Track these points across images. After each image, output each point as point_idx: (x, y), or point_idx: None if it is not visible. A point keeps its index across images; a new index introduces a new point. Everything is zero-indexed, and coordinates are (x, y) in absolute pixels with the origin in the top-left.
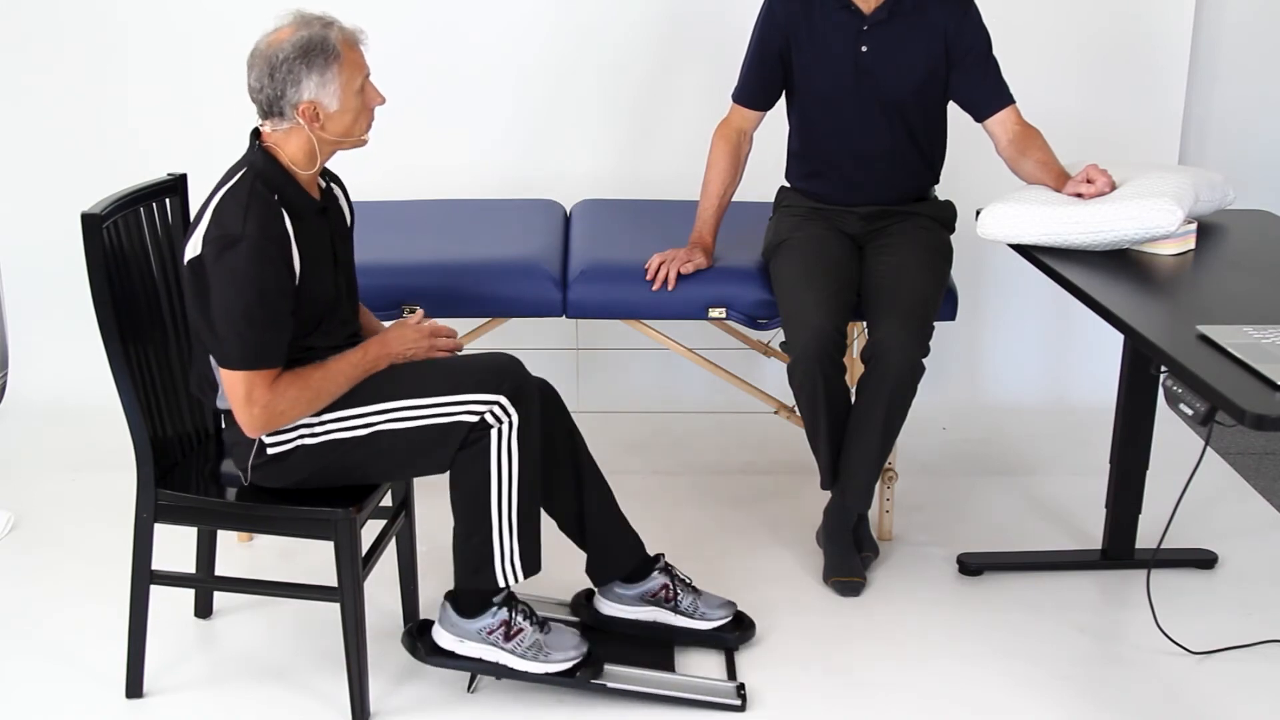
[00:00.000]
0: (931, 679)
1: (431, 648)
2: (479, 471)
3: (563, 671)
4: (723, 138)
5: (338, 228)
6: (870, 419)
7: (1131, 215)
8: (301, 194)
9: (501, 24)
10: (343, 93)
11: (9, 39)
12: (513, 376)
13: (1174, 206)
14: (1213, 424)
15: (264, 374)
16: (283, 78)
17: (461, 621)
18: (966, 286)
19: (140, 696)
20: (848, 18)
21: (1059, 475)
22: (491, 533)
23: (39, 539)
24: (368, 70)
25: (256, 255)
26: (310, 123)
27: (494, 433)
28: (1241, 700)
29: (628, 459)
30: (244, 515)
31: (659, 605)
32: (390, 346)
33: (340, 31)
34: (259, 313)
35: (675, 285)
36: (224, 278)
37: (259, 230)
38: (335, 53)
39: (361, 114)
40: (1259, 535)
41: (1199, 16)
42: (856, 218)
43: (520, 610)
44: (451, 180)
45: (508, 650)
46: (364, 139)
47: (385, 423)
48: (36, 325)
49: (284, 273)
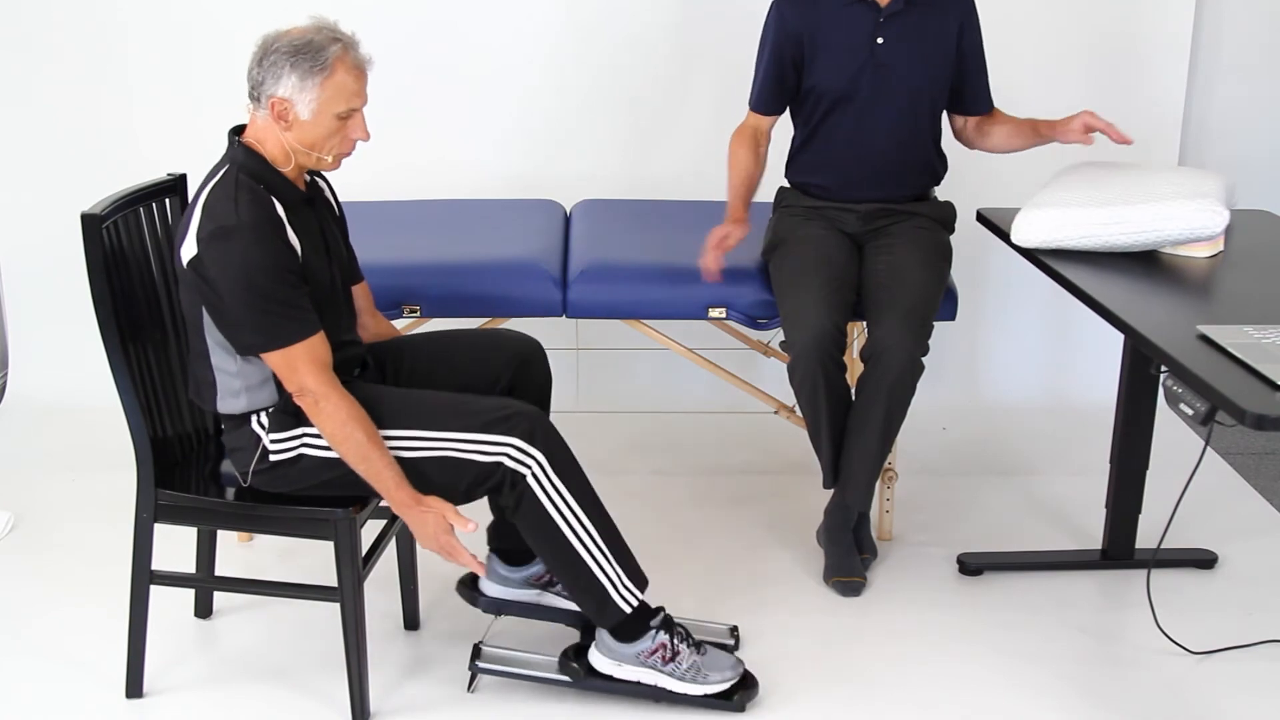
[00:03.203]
0: (931, 679)
1: (589, 670)
2: (542, 522)
3: (721, 694)
4: (739, 137)
5: (326, 218)
6: (870, 418)
7: (1173, 216)
8: (287, 184)
9: (502, 24)
10: (319, 107)
11: (9, 39)
12: (522, 417)
13: (1219, 206)
14: (1213, 424)
15: (299, 347)
16: (267, 67)
17: (619, 646)
18: (966, 286)
19: (140, 696)
20: (863, 10)
21: (1059, 475)
22: (591, 570)
23: (39, 539)
24: (361, 101)
25: (255, 239)
26: (277, 119)
27: (530, 480)
28: (1241, 700)
29: (628, 459)
30: (244, 515)
31: (539, 587)
32: (414, 514)
33: (345, 51)
34: (274, 290)
35: (719, 265)
36: (228, 268)
37: (252, 216)
38: (325, 66)
39: (334, 136)
40: (1259, 535)
41: (1199, 16)
42: (857, 216)
43: (678, 634)
44: (452, 180)
45: (666, 673)
46: (328, 160)
47: (393, 450)
48: (36, 325)
49: (285, 249)
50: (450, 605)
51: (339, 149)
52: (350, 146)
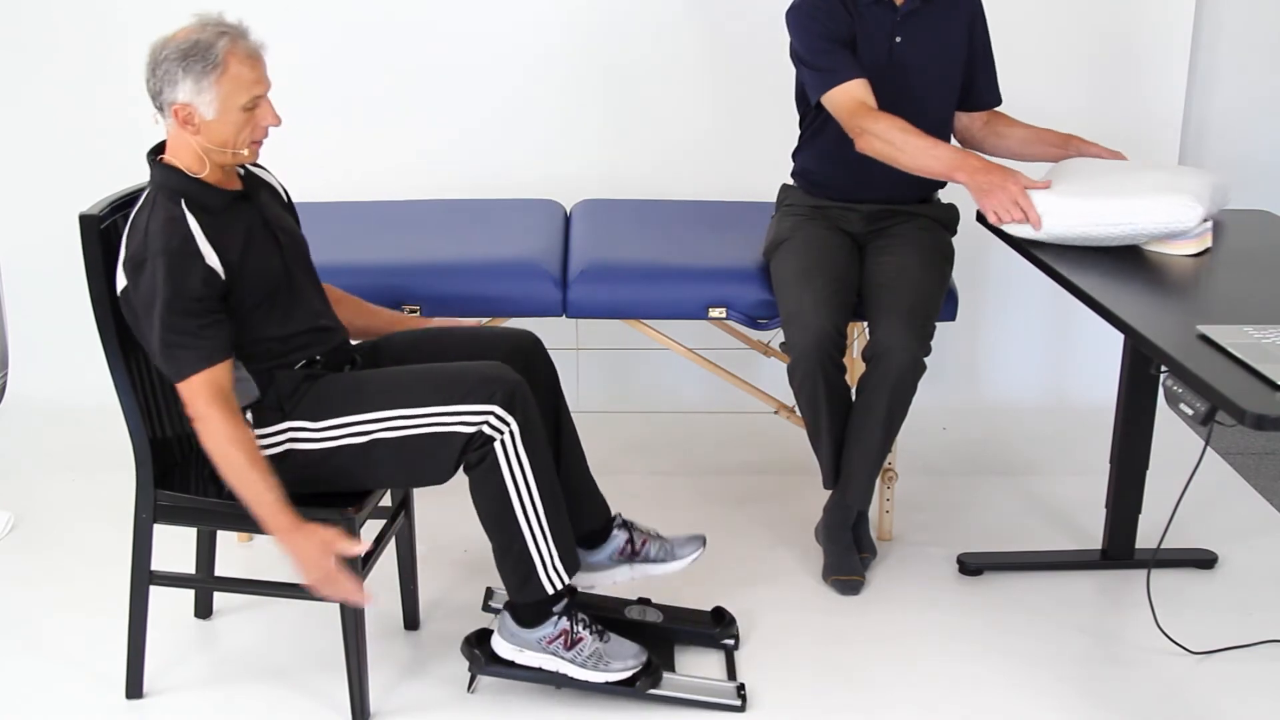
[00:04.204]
0: (931, 679)
1: (491, 656)
2: (495, 487)
3: (622, 680)
4: (860, 113)
5: (269, 207)
6: (872, 417)
7: (1149, 209)
8: (210, 190)
9: (502, 24)
10: (221, 104)
11: (8, 39)
12: (502, 383)
13: (1194, 203)
14: (1213, 424)
15: (201, 379)
16: (161, 76)
17: (521, 631)
18: (966, 286)
19: (140, 697)
20: (880, 10)
21: (1059, 475)
22: (526, 544)
23: (39, 539)
24: (263, 88)
25: (163, 268)
26: (183, 125)
27: (497, 445)
28: (1241, 700)
29: (628, 459)
30: (244, 515)
31: (629, 561)
32: (296, 542)
33: (233, 43)
34: (180, 322)
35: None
36: (144, 298)
37: (159, 243)
38: (216, 62)
39: (244, 129)
40: (1259, 535)
41: (1199, 17)
42: (859, 216)
43: (580, 620)
44: (451, 180)
45: (568, 659)
46: (243, 154)
47: (378, 431)
48: (36, 325)
49: (196, 278)
50: (450, 605)
51: (250, 138)
52: (262, 134)
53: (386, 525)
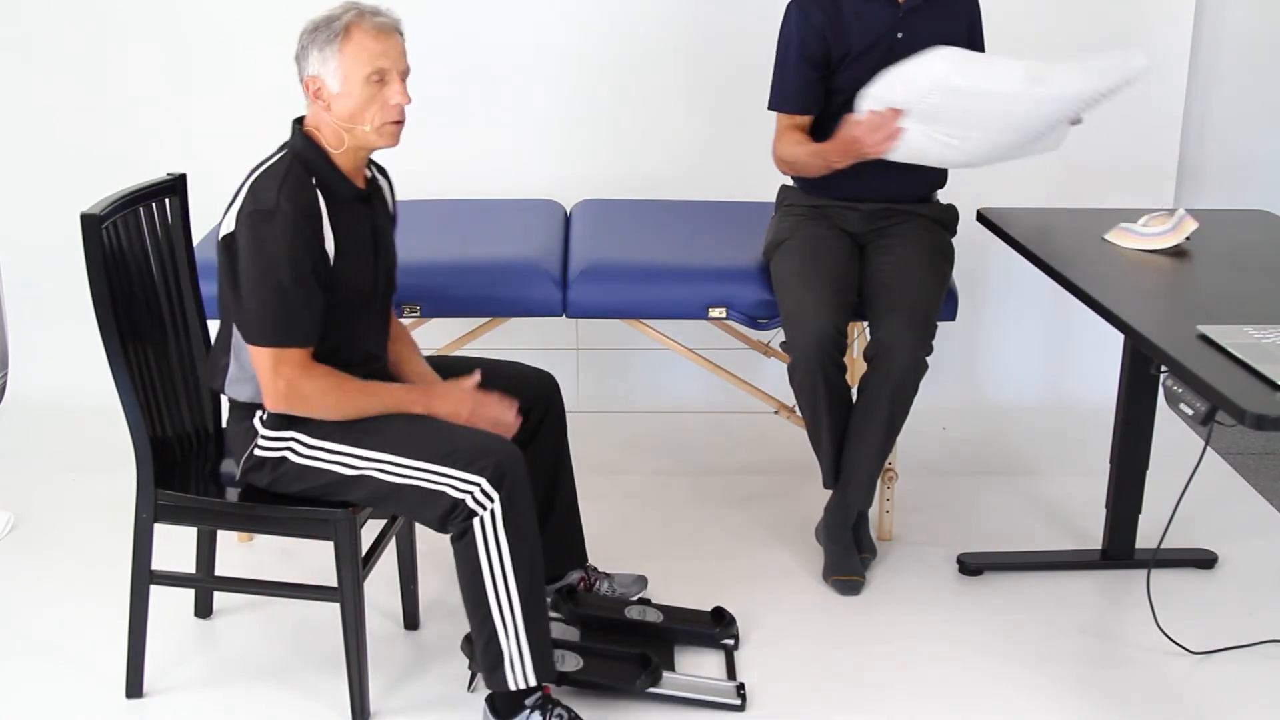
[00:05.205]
0: (931, 679)
1: None
2: (472, 565)
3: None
4: (786, 140)
5: (380, 218)
6: (873, 416)
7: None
8: (341, 179)
9: (502, 25)
10: (345, 75)
11: (9, 39)
12: (496, 456)
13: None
14: (1213, 424)
15: (293, 352)
16: (299, 53)
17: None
18: (966, 286)
19: (140, 696)
20: (881, 6)
21: (1059, 475)
22: (497, 633)
23: (39, 539)
24: (388, 62)
25: (290, 229)
26: (314, 99)
27: (476, 523)
28: (1241, 700)
29: (628, 459)
30: (244, 515)
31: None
32: (434, 402)
33: (359, 16)
34: (290, 287)
35: None
36: (256, 251)
37: (293, 205)
38: (338, 33)
39: (371, 104)
40: (1259, 535)
41: (1199, 17)
42: (859, 216)
43: (556, 714)
44: (451, 180)
45: None
46: (370, 135)
47: (370, 469)
48: (36, 325)
49: (317, 250)
50: (450, 605)
51: (380, 117)
52: (394, 113)
53: (386, 525)
